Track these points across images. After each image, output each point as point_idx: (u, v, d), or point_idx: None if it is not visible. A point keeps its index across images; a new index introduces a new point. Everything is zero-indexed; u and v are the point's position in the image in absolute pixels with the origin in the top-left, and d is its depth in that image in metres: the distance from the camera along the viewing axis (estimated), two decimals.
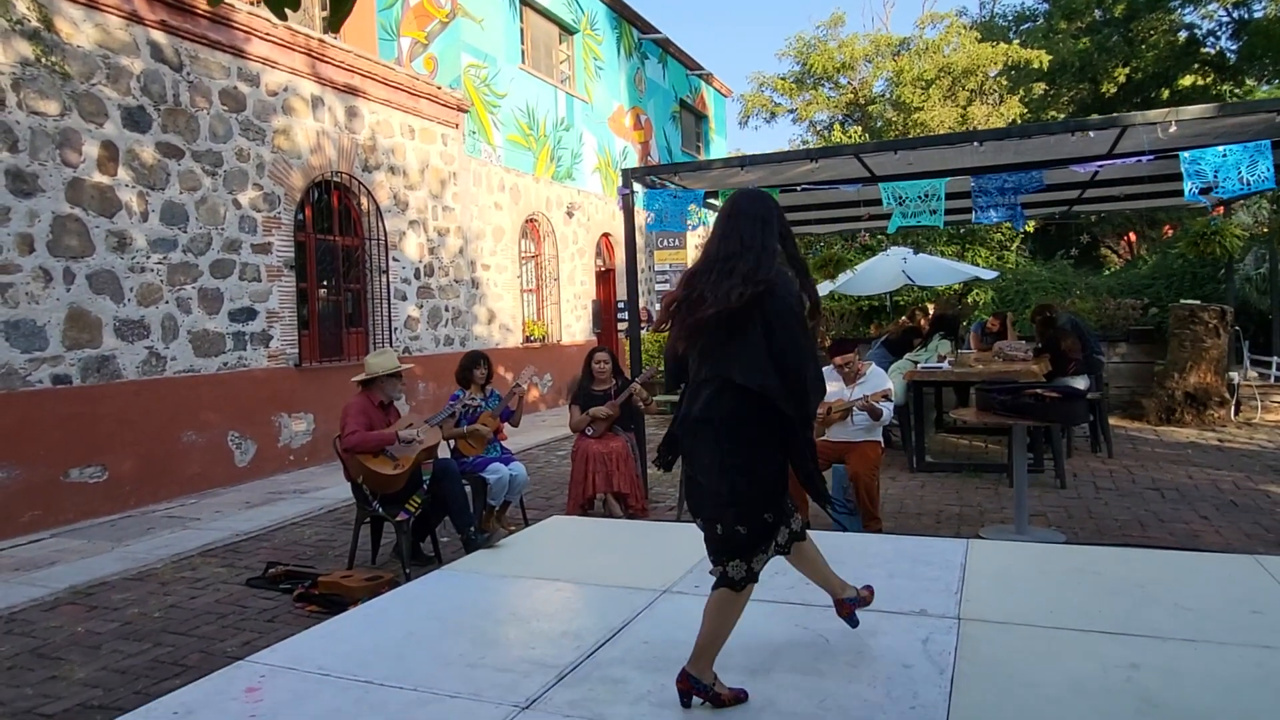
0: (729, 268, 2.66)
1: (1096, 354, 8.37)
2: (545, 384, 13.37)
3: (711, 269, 2.70)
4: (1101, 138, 5.91)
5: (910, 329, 9.28)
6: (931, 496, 6.63)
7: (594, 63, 15.35)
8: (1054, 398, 5.04)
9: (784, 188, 6.96)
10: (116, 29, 6.91)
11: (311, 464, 8.63)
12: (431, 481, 4.98)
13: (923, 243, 14.94)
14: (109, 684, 3.58)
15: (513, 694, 2.84)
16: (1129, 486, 6.75)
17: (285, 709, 2.82)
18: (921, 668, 2.95)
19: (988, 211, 5.76)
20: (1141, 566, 4.02)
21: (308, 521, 6.48)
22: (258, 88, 8.21)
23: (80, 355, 6.59)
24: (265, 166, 8.28)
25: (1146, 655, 2.98)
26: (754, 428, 2.65)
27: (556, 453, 9.35)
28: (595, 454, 5.81)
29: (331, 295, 9.47)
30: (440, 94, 10.86)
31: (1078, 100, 22.40)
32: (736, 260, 2.66)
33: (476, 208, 11.77)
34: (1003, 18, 25.38)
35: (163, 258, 7.25)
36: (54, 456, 6.37)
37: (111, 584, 4.99)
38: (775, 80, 23.24)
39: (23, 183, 6.21)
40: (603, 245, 15.88)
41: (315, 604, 4.41)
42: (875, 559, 4.24)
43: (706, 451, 2.70)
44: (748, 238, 2.70)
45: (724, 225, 2.79)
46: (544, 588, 4.11)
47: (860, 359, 5.81)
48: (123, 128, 6.94)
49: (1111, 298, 12.11)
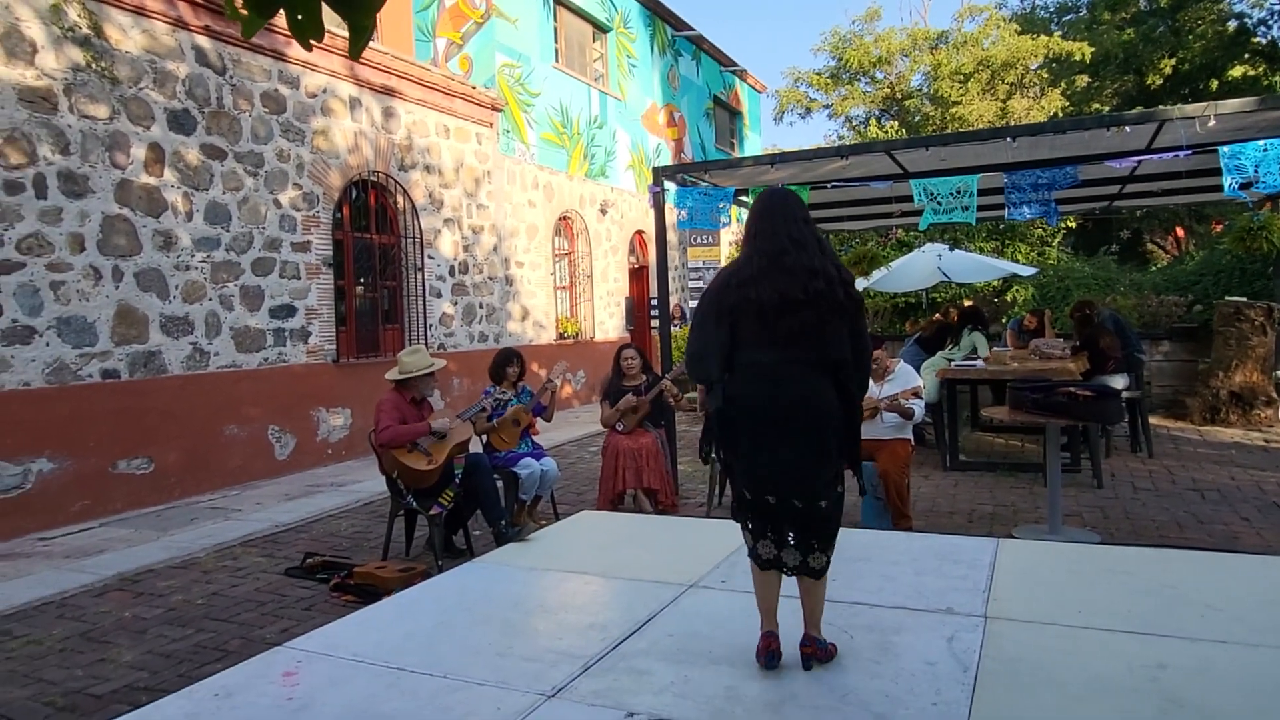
0: (785, 264, 2.82)
1: (1137, 352, 8.23)
2: (578, 380, 13.46)
3: (771, 265, 2.84)
4: (1139, 132, 5.82)
5: (944, 326, 9.20)
6: (964, 495, 6.58)
7: (627, 60, 15.40)
8: (1087, 396, 4.98)
9: (815, 185, 6.94)
10: (163, 34, 7.11)
11: (348, 458, 8.81)
12: (464, 476, 5.07)
13: (960, 239, 14.76)
14: (154, 667, 3.72)
15: (539, 683, 2.91)
16: (1168, 487, 6.64)
17: (320, 693, 2.91)
18: (945, 665, 2.96)
19: (1021, 208, 5.70)
20: (1175, 567, 3.97)
21: (344, 514, 6.63)
22: (297, 90, 8.39)
23: (128, 350, 6.80)
24: (305, 166, 8.45)
25: (1175, 656, 2.95)
26: (835, 407, 2.86)
27: (589, 449, 9.42)
28: (625, 450, 5.86)
29: (368, 292, 9.64)
30: (475, 94, 10.98)
31: (1122, 93, 21.95)
32: (789, 255, 2.83)
33: (510, 206, 11.89)
34: (1044, 9, 24.95)
35: (206, 256, 7.45)
36: (103, 448, 6.59)
37: (157, 572, 5.16)
38: (810, 75, 23.09)
39: (74, 184, 6.43)
40: (636, 242, 15.93)
41: (351, 594, 4.53)
42: (903, 556, 4.24)
43: (801, 432, 2.83)
44: (795, 234, 2.88)
45: (763, 223, 2.94)
46: (572, 581, 4.18)
47: (890, 356, 5.79)
48: (169, 130, 7.14)
49: (1155, 294, 11.86)
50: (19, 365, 6.06)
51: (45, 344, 6.22)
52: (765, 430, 2.85)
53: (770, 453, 2.85)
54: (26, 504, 6.05)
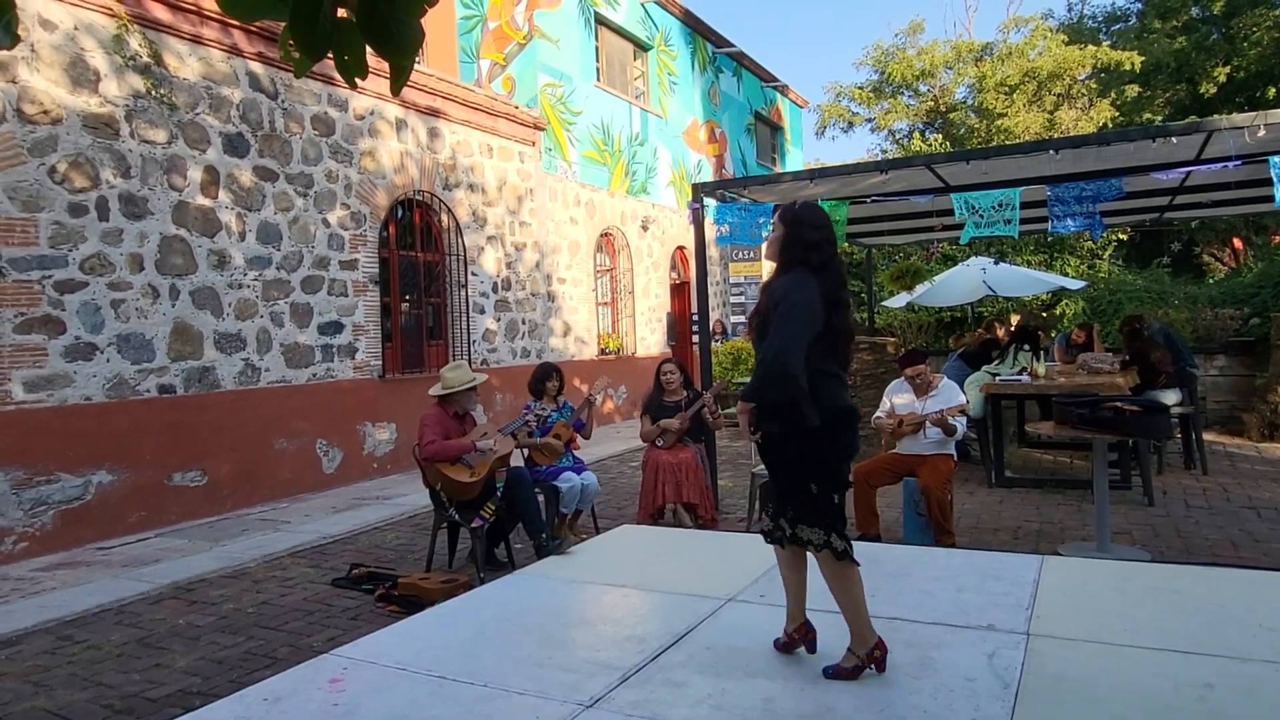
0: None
1: (1189, 367, 8.04)
2: (620, 396, 13.52)
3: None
4: (1187, 143, 5.72)
5: (988, 340, 9.08)
6: (1010, 512, 6.48)
7: (668, 78, 15.52)
8: (1134, 411, 4.89)
9: (854, 199, 6.93)
10: (218, 61, 7.38)
11: (393, 472, 8.97)
12: (505, 489, 5.15)
13: (1007, 251, 14.56)
14: (206, 672, 3.83)
15: (577, 693, 2.95)
16: (1223, 505, 6.46)
17: (365, 699, 2.99)
18: (985, 681, 2.93)
19: (1064, 221, 5.63)
20: (1225, 586, 3.87)
21: (389, 526, 6.75)
22: (346, 112, 8.63)
23: (183, 366, 7.03)
24: (352, 187, 8.68)
25: (1223, 675, 2.89)
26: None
27: (630, 463, 9.46)
28: (665, 464, 5.89)
29: (413, 309, 9.83)
30: (517, 113, 11.17)
31: (1174, 102, 21.51)
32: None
33: (552, 223, 12.04)
34: (1092, 19, 24.61)
35: (258, 274, 7.68)
36: (159, 461, 6.81)
37: (210, 581, 5.32)
38: (853, 90, 23.05)
39: (134, 206, 6.69)
40: (677, 258, 15.99)
41: (395, 604, 4.61)
42: (944, 572, 4.20)
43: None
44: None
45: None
46: (611, 593, 4.21)
47: (932, 371, 5.74)
48: (223, 153, 7.40)
49: (1211, 307, 11.56)
50: (81, 380, 6.31)
51: (106, 360, 6.47)
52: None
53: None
54: (87, 514, 6.28)
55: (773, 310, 2.93)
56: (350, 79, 1.60)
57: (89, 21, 6.42)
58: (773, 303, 2.95)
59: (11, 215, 5.91)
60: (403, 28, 1.49)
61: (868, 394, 8.37)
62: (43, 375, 6.08)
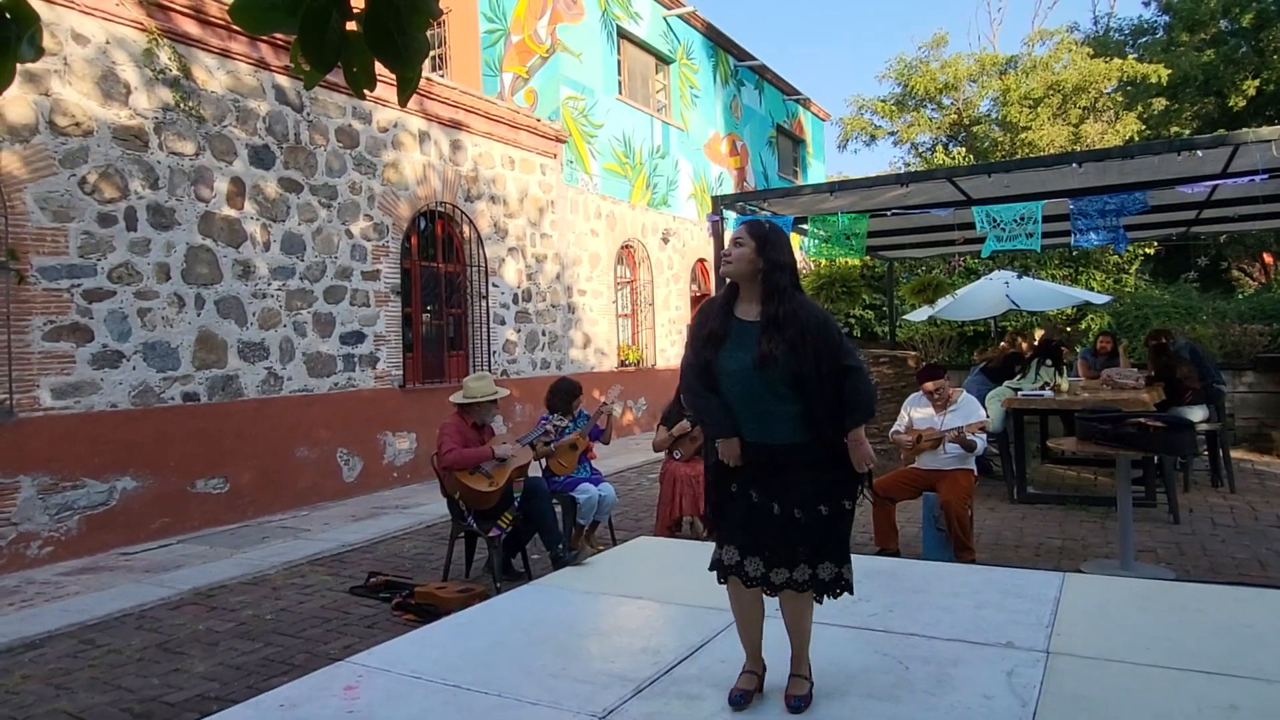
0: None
1: (1216, 383, 7.91)
2: (639, 408, 13.52)
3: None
4: (1213, 156, 5.65)
5: (1011, 355, 8.99)
6: (1032, 529, 6.40)
7: (690, 91, 15.58)
8: (1158, 427, 4.82)
9: (874, 212, 6.91)
10: (245, 75, 7.51)
11: (413, 481, 9.01)
12: (522, 500, 5.16)
13: (1031, 265, 14.43)
14: (224, 678, 3.86)
15: (590, 704, 2.94)
16: (1250, 523, 6.35)
17: (380, 707, 3.00)
18: (1003, 699, 2.89)
19: (1087, 234, 5.58)
20: (1251, 606, 3.80)
21: (407, 535, 6.78)
22: (370, 125, 8.74)
23: (208, 375, 7.12)
24: (375, 198, 8.77)
25: (1247, 697, 2.83)
26: None
27: (648, 475, 9.45)
28: (683, 477, 5.88)
29: (434, 319, 9.90)
30: (539, 126, 11.25)
31: (1202, 115, 21.26)
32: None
33: (573, 235, 12.10)
34: (1118, 32, 24.40)
35: (282, 284, 7.78)
36: (182, 468, 6.89)
37: (230, 587, 5.37)
38: (875, 103, 22.98)
39: (162, 216, 6.80)
40: (698, 270, 16.00)
41: (412, 613, 4.63)
42: (963, 589, 4.16)
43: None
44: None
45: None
46: (627, 605, 4.20)
47: (953, 385, 5.70)
48: (249, 165, 7.51)
49: (1239, 323, 11.38)
50: (107, 388, 6.40)
51: (132, 368, 6.57)
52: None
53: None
54: (111, 520, 6.36)
55: (821, 337, 2.76)
56: (359, 90, 1.72)
57: (121, 36, 6.55)
58: (815, 328, 2.77)
59: (43, 225, 6.03)
60: (408, 40, 1.59)
61: (888, 408, 8.31)
62: (70, 382, 6.18)
